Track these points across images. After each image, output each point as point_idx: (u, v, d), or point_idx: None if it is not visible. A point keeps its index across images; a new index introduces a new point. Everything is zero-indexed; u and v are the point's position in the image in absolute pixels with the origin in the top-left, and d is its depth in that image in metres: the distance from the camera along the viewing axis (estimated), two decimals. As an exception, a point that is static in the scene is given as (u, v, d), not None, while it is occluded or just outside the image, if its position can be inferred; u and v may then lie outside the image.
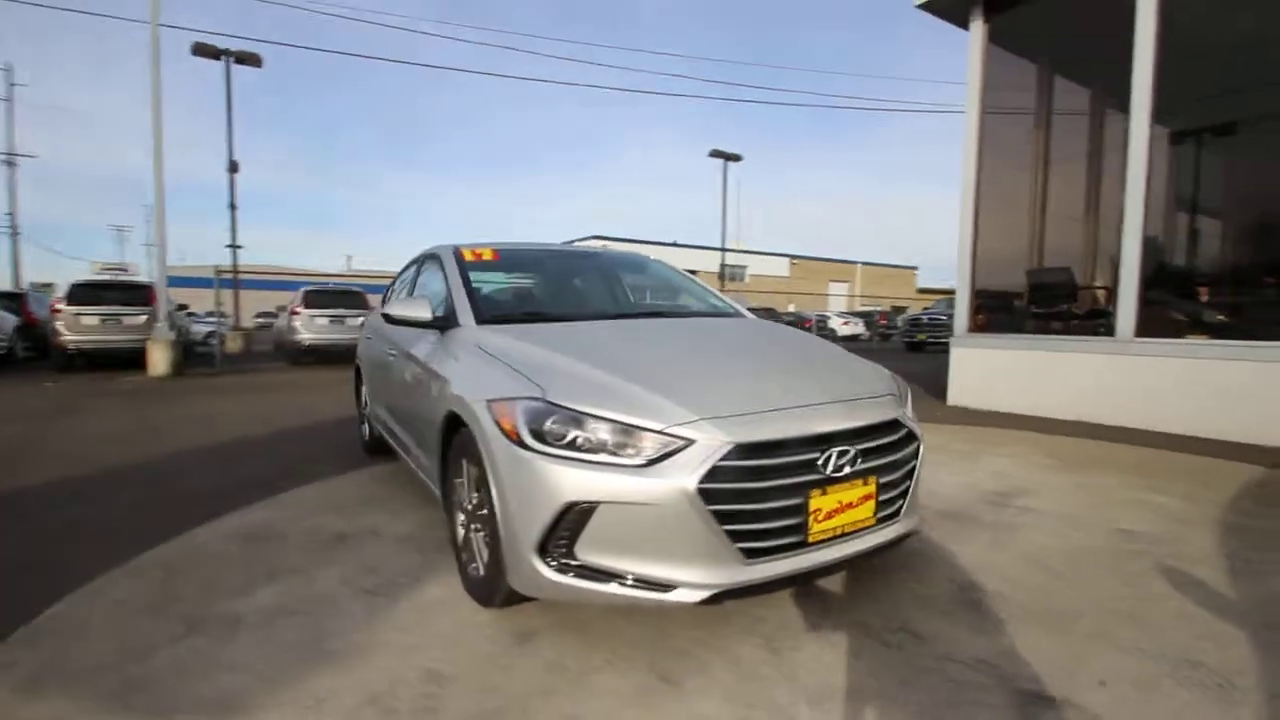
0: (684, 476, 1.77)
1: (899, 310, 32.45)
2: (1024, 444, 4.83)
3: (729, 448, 1.81)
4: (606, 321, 2.80)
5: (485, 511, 2.16)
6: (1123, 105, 5.73)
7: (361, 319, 11.93)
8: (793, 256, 45.22)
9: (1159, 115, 5.58)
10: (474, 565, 2.30)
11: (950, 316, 19.01)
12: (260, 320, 30.05)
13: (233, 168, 17.05)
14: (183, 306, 14.17)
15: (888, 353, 15.80)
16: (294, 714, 1.68)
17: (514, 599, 2.14)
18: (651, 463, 1.80)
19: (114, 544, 2.89)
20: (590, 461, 1.83)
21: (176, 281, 11.04)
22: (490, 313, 2.71)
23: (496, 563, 2.05)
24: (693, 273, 3.93)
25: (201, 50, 13.57)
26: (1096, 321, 6.06)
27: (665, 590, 1.81)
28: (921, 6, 6.42)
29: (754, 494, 1.83)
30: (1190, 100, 6.69)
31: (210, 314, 22.63)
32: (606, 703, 1.71)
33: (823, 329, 22.68)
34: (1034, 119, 7.02)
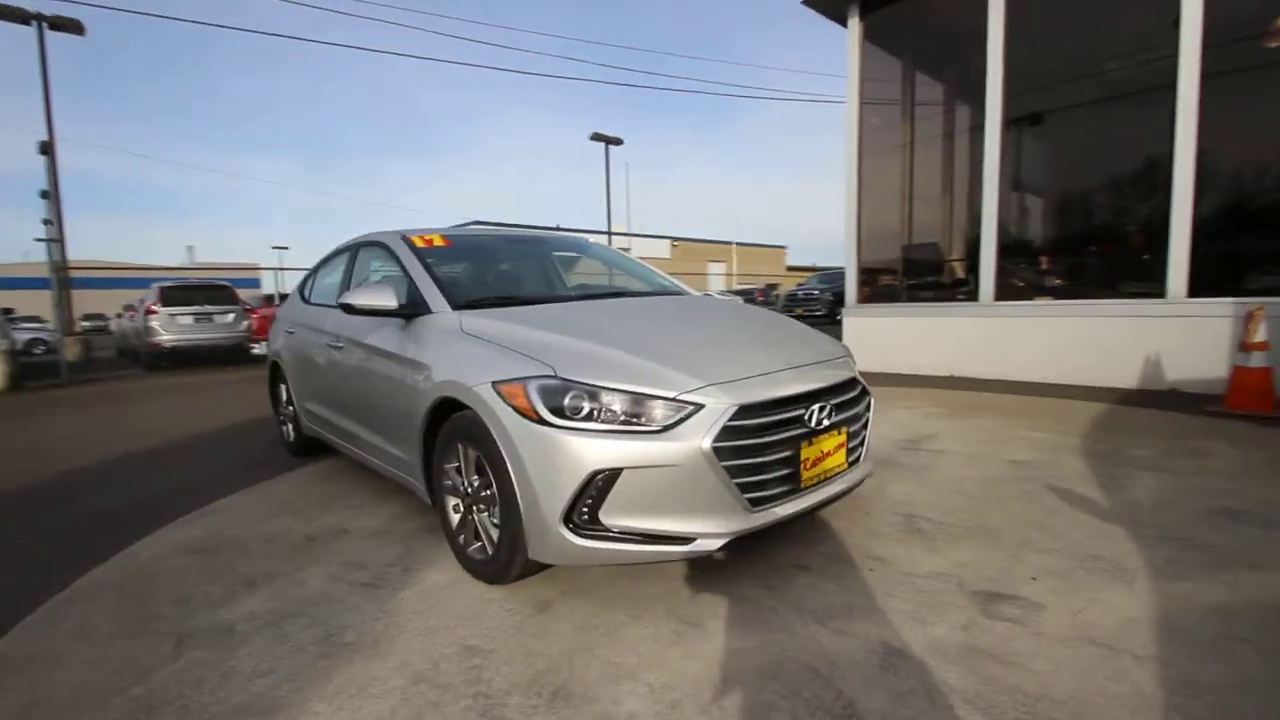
0: (699, 438, 1.95)
1: (772, 287, 34.44)
2: (915, 398, 5.49)
3: (734, 409, 2.01)
4: (576, 303, 2.90)
5: (490, 492, 2.22)
6: (968, 98, 6.56)
7: (232, 315, 10.95)
8: (674, 239, 46.30)
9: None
10: (476, 546, 2.35)
11: (821, 291, 20.54)
12: (87, 324, 26.24)
13: (45, 149, 14.76)
14: (7, 310, 12.15)
15: (772, 327, 16.79)
16: (345, 703, 1.69)
17: (528, 572, 2.23)
18: (667, 428, 1.96)
19: (38, 572, 2.60)
20: (610, 431, 1.96)
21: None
22: (463, 298, 2.71)
23: (511, 538, 2.12)
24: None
25: (8, 14, 11.51)
26: (962, 289, 6.92)
27: (685, 543, 1.99)
28: (806, 3, 6.91)
29: (756, 449, 2.05)
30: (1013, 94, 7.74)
31: (29, 319, 19.51)
32: (647, 649, 1.87)
33: (709, 307, 23.52)
34: (901, 110, 7.80)
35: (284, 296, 17.82)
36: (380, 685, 1.76)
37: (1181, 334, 5.17)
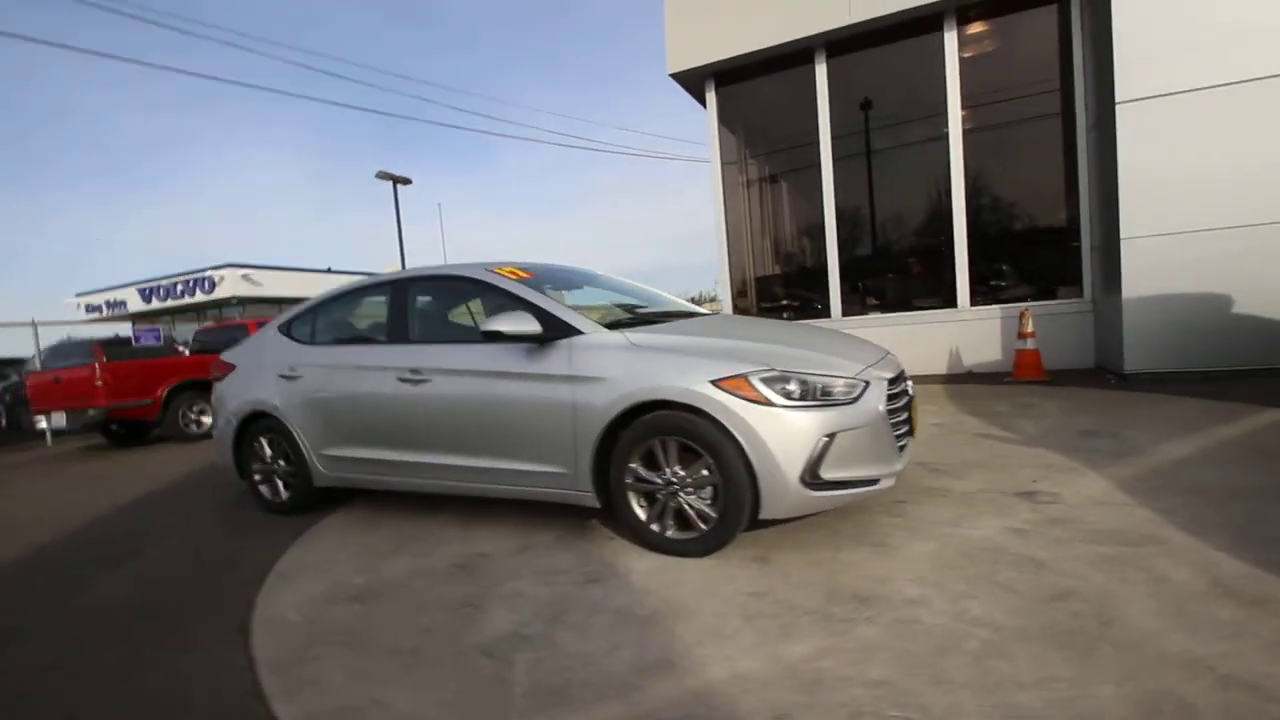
0: (878, 404, 2.66)
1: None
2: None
3: (885, 383, 2.77)
4: (688, 320, 3.39)
5: (699, 475, 2.64)
6: (795, 162, 8.35)
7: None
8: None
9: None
10: (675, 528, 2.73)
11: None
12: None
13: None
14: None
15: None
16: (718, 643, 2.03)
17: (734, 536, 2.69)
18: (854, 400, 2.64)
19: (137, 677, 2.29)
20: (822, 405, 2.57)
21: None
22: (603, 320, 3.06)
23: (736, 507, 2.57)
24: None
25: None
26: (815, 308, 8.52)
27: (874, 484, 2.67)
28: (673, 75, 8.08)
29: (896, 410, 2.83)
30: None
31: None
32: (876, 564, 2.50)
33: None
34: (739, 169, 9.37)
35: (10, 361, 14.02)
36: (725, 626, 2.13)
37: (970, 332, 7.22)
